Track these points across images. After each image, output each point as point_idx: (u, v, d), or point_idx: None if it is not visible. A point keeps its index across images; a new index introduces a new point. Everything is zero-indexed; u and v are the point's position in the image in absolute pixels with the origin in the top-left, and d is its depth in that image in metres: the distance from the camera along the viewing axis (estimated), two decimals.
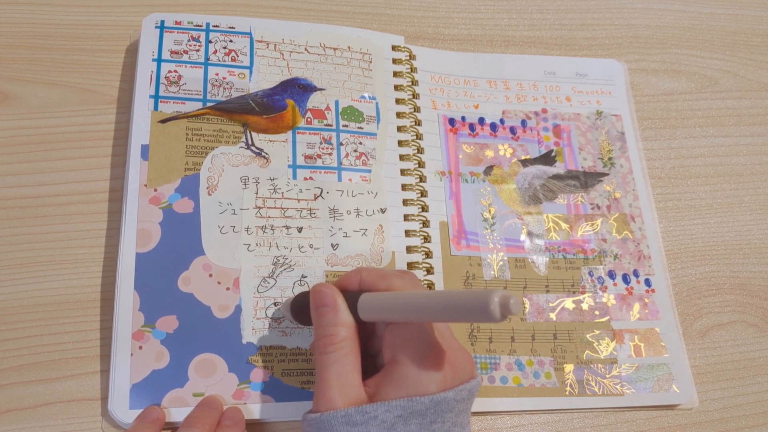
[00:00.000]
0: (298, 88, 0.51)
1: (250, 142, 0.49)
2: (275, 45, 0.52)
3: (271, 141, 0.49)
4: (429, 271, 0.48)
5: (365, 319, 0.37)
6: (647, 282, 0.52)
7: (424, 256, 0.49)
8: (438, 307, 0.33)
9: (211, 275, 0.45)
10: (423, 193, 0.51)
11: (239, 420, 0.41)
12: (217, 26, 0.52)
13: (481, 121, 0.55)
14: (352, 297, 0.38)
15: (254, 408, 0.42)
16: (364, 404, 0.35)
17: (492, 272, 0.50)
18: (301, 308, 0.40)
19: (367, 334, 0.40)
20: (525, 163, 0.54)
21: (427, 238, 0.49)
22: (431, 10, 0.60)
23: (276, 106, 0.50)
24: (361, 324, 0.38)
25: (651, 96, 0.60)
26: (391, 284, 0.38)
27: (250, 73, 0.51)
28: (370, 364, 0.39)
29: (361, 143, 0.51)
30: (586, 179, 0.54)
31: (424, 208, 0.50)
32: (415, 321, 0.36)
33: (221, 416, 0.41)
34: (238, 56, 0.51)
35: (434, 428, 0.35)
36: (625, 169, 0.55)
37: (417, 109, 0.53)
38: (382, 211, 0.49)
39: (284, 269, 0.46)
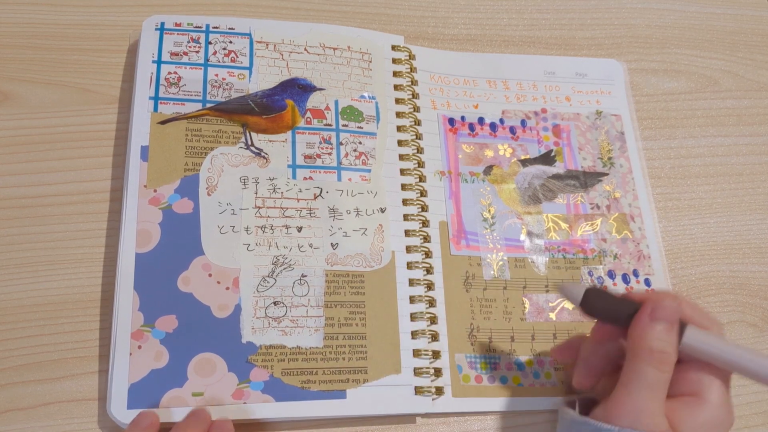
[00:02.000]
0: (297, 88, 0.51)
1: (249, 143, 0.49)
2: (275, 45, 0.52)
3: (270, 141, 0.49)
4: (428, 270, 0.48)
5: (682, 350, 0.37)
6: (647, 282, 0.52)
7: (423, 256, 0.49)
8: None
9: (210, 275, 0.45)
10: (423, 193, 0.51)
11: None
12: (216, 27, 0.52)
13: (481, 120, 0.55)
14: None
15: (254, 408, 0.42)
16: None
17: (492, 272, 0.50)
18: (607, 305, 0.40)
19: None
20: (525, 162, 0.54)
21: (426, 238, 0.49)
22: (431, 10, 0.60)
23: (275, 107, 0.50)
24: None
25: (651, 96, 0.60)
26: (713, 325, 0.38)
27: (250, 73, 0.51)
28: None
29: (360, 143, 0.51)
30: (585, 179, 0.54)
31: (424, 208, 0.50)
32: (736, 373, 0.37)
33: (210, 427, 0.40)
34: (237, 57, 0.51)
35: None
36: (625, 168, 0.55)
37: (416, 109, 0.53)
38: (382, 210, 0.49)
39: (284, 269, 0.46)
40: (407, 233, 0.49)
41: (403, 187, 0.50)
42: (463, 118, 0.54)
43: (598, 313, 0.41)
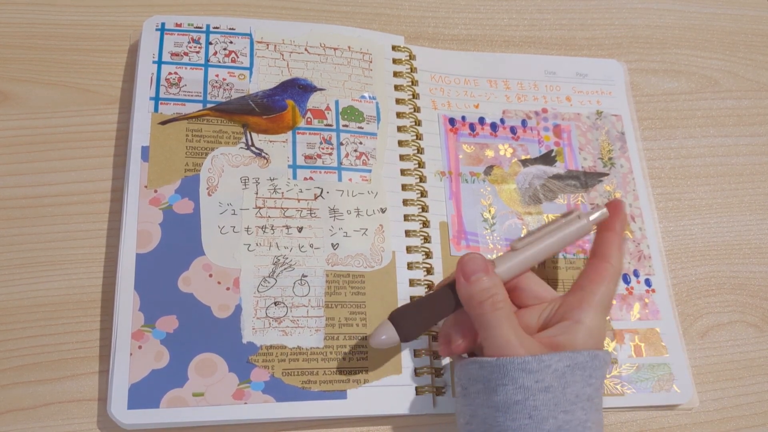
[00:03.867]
0: (298, 89, 0.51)
1: (250, 143, 0.49)
2: (275, 45, 0.52)
3: (271, 141, 0.49)
4: (429, 271, 0.48)
5: (504, 280, 0.42)
6: (647, 282, 0.52)
7: (424, 256, 0.49)
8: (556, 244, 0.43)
9: (211, 275, 0.45)
10: (423, 193, 0.51)
11: None
12: (217, 28, 0.52)
13: (482, 120, 0.55)
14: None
15: (254, 408, 0.42)
16: (541, 354, 0.38)
17: None
18: (414, 315, 0.42)
19: None
20: (525, 163, 0.54)
21: (427, 239, 0.49)
22: (431, 10, 0.60)
23: (276, 107, 0.50)
24: None
25: (651, 96, 0.60)
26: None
27: (250, 74, 0.51)
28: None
29: (361, 143, 0.51)
30: (586, 179, 0.54)
31: (424, 208, 0.50)
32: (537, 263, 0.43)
33: None
34: (238, 57, 0.51)
35: (591, 382, 0.38)
36: (625, 169, 0.55)
37: (417, 109, 0.53)
38: (383, 210, 0.49)
39: (284, 269, 0.46)
40: (408, 233, 0.49)
41: (404, 187, 0.50)
42: (463, 118, 0.54)
43: (419, 327, 0.42)
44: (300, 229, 0.47)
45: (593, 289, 0.41)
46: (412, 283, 0.48)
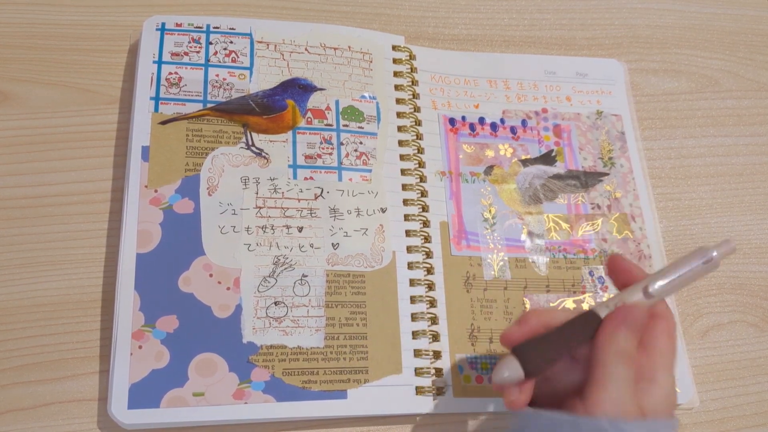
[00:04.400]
0: (298, 88, 0.51)
1: (250, 143, 0.49)
2: (275, 45, 0.52)
3: (271, 141, 0.49)
4: (429, 271, 0.48)
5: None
6: None
7: (424, 256, 0.49)
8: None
9: (211, 275, 0.45)
10: (423, 193, 0.51)
11: None
12: (217, 27, 0.52)
13: (482, 120, 0.55)
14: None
15: (255, 408, 0.42)
16: (632, 418, 0.36)
17: (492, 272, 0.50)
18: (541, 348, 0.38)
19: None
20: (525, 162, 0.54)
21: (427, 238, 0.49)
22: (431, 10, 0.60)
23: (276, 107, 0.50)
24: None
25: (651, 96, 0.60)
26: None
27: (251, 73, 0.51)
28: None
29: (361, 143, 0.51)
30: (586, 179, 0.54)
31: (425, 208, 0.50)
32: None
33: None
34: (238, 57, 0.51)
35: None
36: (626, 168, 0.55)
37: (417, 109, 0.53)
38: (383, 210, 0.49)
39: (285, 269, 0.46)
40: (408, 233, 0.49)
41: (404, 187, 0.50)
42: (463, 118, 0.54)
43: (546, 362, 0.38)
44: (300, 229, 0.47)
45: (659, 346, 0.39)
46: (412, 283, 0.48)
